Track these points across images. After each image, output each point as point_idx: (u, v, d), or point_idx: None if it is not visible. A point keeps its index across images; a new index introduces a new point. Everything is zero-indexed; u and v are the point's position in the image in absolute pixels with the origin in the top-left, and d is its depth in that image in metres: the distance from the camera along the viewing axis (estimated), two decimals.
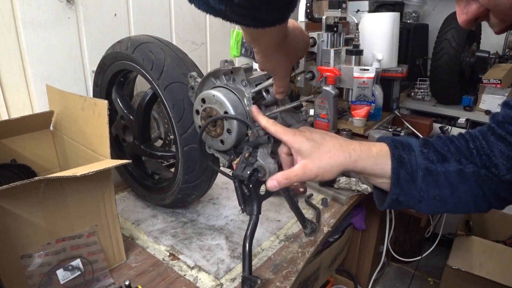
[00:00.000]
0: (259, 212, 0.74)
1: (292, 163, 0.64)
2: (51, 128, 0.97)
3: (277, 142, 0.67)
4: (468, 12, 0.42)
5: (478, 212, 0.62)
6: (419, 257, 1.75)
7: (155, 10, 1.23)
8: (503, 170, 0.56)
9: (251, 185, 0.71)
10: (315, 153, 0.60)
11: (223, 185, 1.19)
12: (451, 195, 0.59)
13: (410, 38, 1.99)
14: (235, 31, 0.82)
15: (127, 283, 0.71)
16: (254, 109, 0.69)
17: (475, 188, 0.58)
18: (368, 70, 1.40)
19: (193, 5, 0.42)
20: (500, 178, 0.57)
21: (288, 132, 0.63)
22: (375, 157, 0.60)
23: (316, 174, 0.60)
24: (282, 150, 0.66)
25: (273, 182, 0.62)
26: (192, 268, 0.82)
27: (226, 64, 0.72)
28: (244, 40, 0.82)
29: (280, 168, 0.69)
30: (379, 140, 0.64)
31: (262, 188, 0.76)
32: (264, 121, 0.67)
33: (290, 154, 0.65)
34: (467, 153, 0.60)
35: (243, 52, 0.84)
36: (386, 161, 0.60)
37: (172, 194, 0.94)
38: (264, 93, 0.69)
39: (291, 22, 0.57)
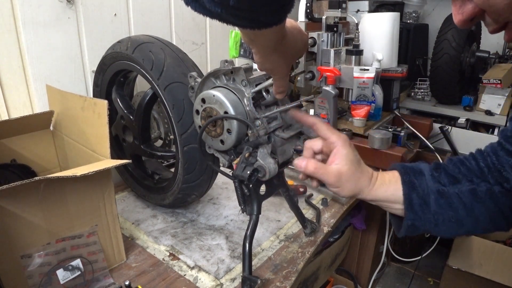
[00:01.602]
0: (259, 212, 0.74)
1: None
2: (51, 128, 0.97)
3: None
4: (463, 12, 0.42)
5: (499, 230, 0.61)
6: (419, 257, 1.75)
7: (155, 10, 1.23)
8: None
9: (251, 185, 0.71)
10: (354, 166, 0.61)
11: (223, 185, 1.19)
12: (467, 215, 0.59)
13: (410, 38, 1.99)
14: (234, 32, 0.82)
15: (127, 283, 0.71)
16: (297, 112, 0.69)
17: (491, 206, 0.58)
18: (368, 70, 1.40)
19: (189, 7, 0.42)
20: None
21: (341, 134, 0.63)
22: (387, 184, 0.62)
23: (340, 186, 0.60)
24: (314, 145, 0.64)
25: (303, 162, 0.61)
26: (192, 268, 0.82)
27: (226, 64, 0.72)
28: (242, 41, 0.82)
29: (281, 166, 0.69)
30: (391, 168, 0.66)
31: (262, 188, 0.77)
32: (311, 118, 0.67)
33: (317, 153, 0.64)
34: (478, 172, 0.61)
35: (242, 52, 0.84)
36: (398, 186, 0.61)
37: (172, 194, 0.94)
38: (264, 93, 0.69)
39: (289, 22, 0.57)
